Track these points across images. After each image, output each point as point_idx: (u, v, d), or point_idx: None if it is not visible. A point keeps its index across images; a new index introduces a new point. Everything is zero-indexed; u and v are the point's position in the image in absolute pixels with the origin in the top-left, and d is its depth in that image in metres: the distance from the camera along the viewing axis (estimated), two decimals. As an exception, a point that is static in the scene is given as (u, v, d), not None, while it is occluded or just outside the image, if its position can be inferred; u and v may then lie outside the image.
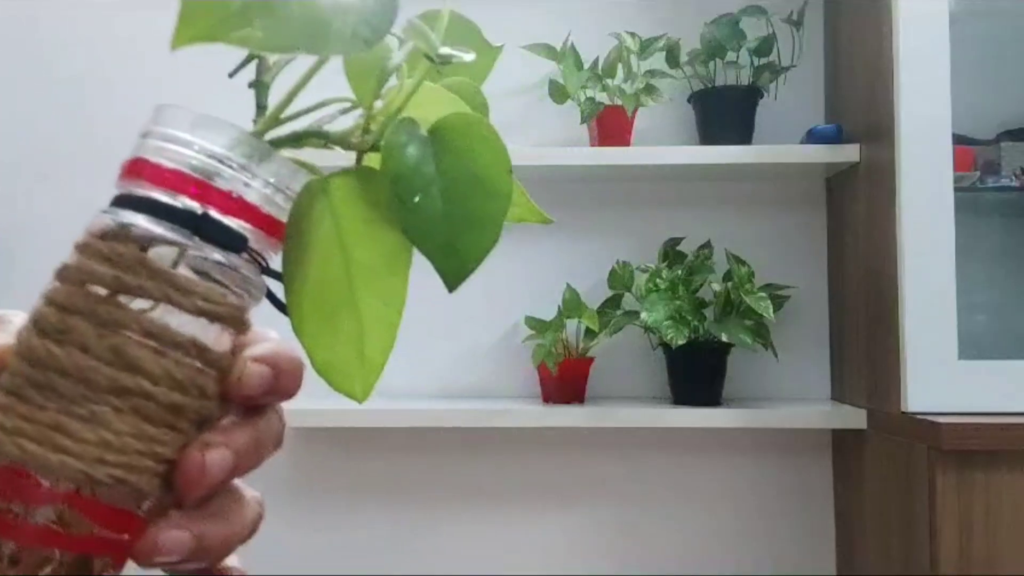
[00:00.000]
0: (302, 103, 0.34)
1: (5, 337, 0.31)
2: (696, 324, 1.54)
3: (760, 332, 1.55)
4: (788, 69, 1.66)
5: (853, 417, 1.51)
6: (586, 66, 1.66)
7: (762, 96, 1.68)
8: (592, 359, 1.65)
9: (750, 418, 1.50)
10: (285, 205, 0.32)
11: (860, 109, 1.56)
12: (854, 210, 1.59)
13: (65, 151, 1.80)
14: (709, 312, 1.58)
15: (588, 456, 1.73)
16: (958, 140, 1.39)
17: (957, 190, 1.36)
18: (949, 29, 1.35)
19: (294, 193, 0.32)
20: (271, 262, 0.33)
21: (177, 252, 0.30)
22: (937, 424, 1.24)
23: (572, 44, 1.65)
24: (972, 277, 1.49)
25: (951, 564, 1.23)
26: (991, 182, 1.49)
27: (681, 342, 1.50)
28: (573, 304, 1.62)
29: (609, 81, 1.64)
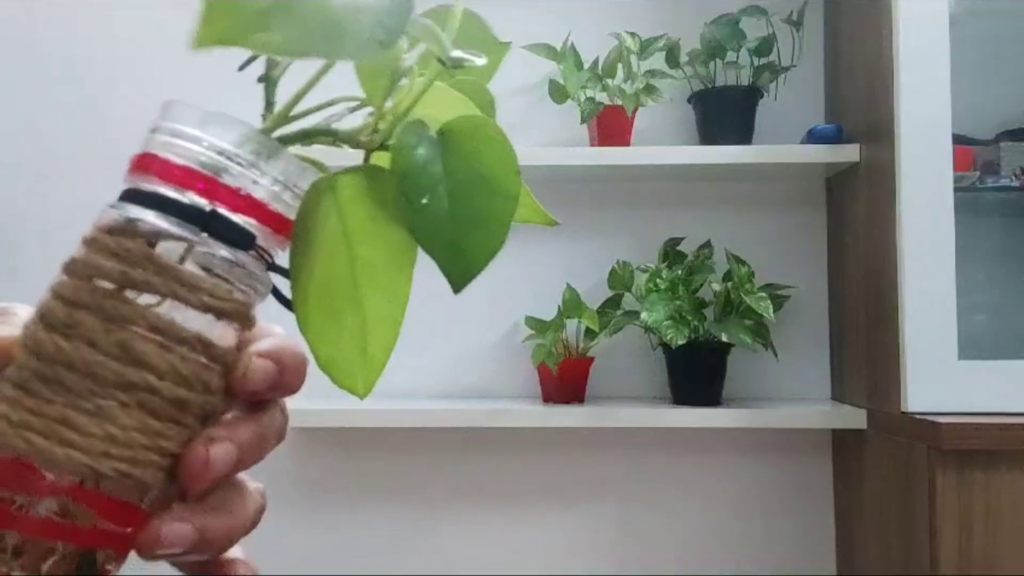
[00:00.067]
0: (310, 101, 0.34)
1: (11, 329, 0.31)
2: (696, 324, 1.54)
3: (760, 332, 1.55)
4: (788, 69, 1.66)
5: (853, 417, 1.51)
6: (586, 66, 1.66)
7: (762, 96, 1.68)
8: (592, 359, 1.65)
9: (750, 418, 1.51)
10: (293, 203, 0.32)
11: (860, 109, 1.56)
12: (854, 210, 1.59)
13: (65, 150, 1.80)
14: (709, 312, 1.59)
15: (588, 456, 1.73)
16: (958, 140, 1.39)
17: (957, 190, 1.36)
18: (949, 29, 1.35)
19: (302, 191, 0.32)
20: (277, 259, 0.33)
21: (184, 248, 0.30)
22: (937, 424, 1.24)
23: (572, 44, 1.65)
24: (972, 277, 1.49)
25: (951, 564, 1.23)
26: (991, 182, 1.49)
27: (681, 342, 1.51)
28: (573, 304, 1.62)
29: (609, 81, 1.65)
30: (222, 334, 0.31)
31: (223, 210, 0.30)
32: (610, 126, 1.65)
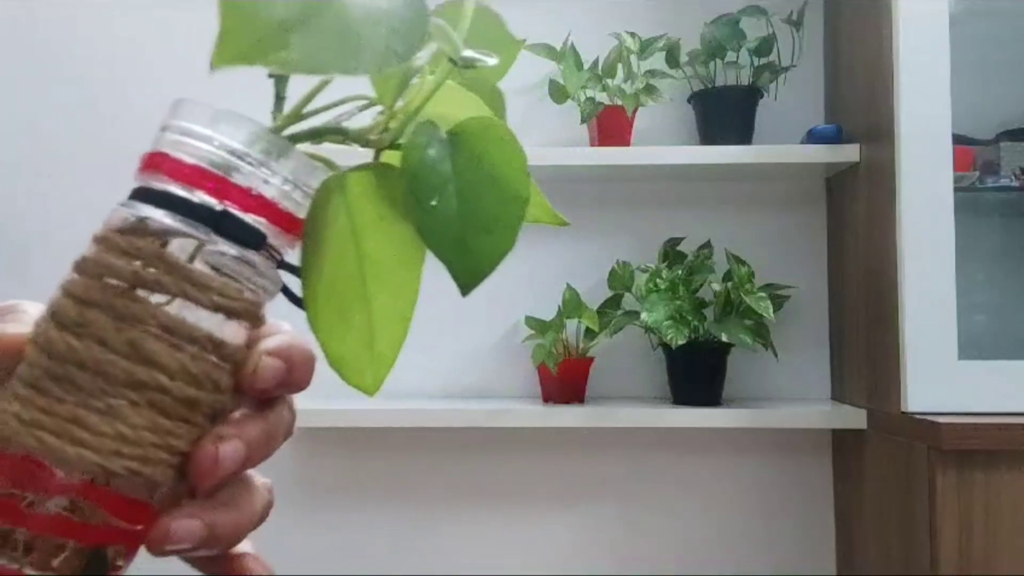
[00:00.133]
0: (320, 99, 0.34)
1: (21, 327, 0.31)
2: (696, 324, 1.54)
3: (760, 332, 1.55)
4: (788, 69, 1.66)
5: (853, 417, 1.52)
6: (586, 66, 1.66)
7: (762, 96, 1.68)
8: (592, 359, 1.65)
9: (750, 418, 1.51)
10: (303, 201, 0.32)
11: (860, 109, 1.56)
12: (854, 210, 1.59)
13: (65, 150, 1.80)
14: (709, 312, 1.59)
15: (588, 456, 1.73)
16: (958, 140, 1.39)
17: (957, 190, 1.36)
18: (949, 29, 1.35)
19: (312, 190, 0.32)
20: (287, 257, 0.33)
21: (194, 247, 0.30)
22: (937, 424, 1.24)
23: (572, 44, 1.65)
24: (972, 277, 1.49)
25: (951, 564, 1.23)
26: (991, 182, 1.50)
27: (681, 342, 1.51)
28: (573, 304, 1.62)
29: (609, 81, 1.65)
30: (232, 332, 0.31)
31: (234, 210, 0.30)
32: (610, 126, 1.65)
